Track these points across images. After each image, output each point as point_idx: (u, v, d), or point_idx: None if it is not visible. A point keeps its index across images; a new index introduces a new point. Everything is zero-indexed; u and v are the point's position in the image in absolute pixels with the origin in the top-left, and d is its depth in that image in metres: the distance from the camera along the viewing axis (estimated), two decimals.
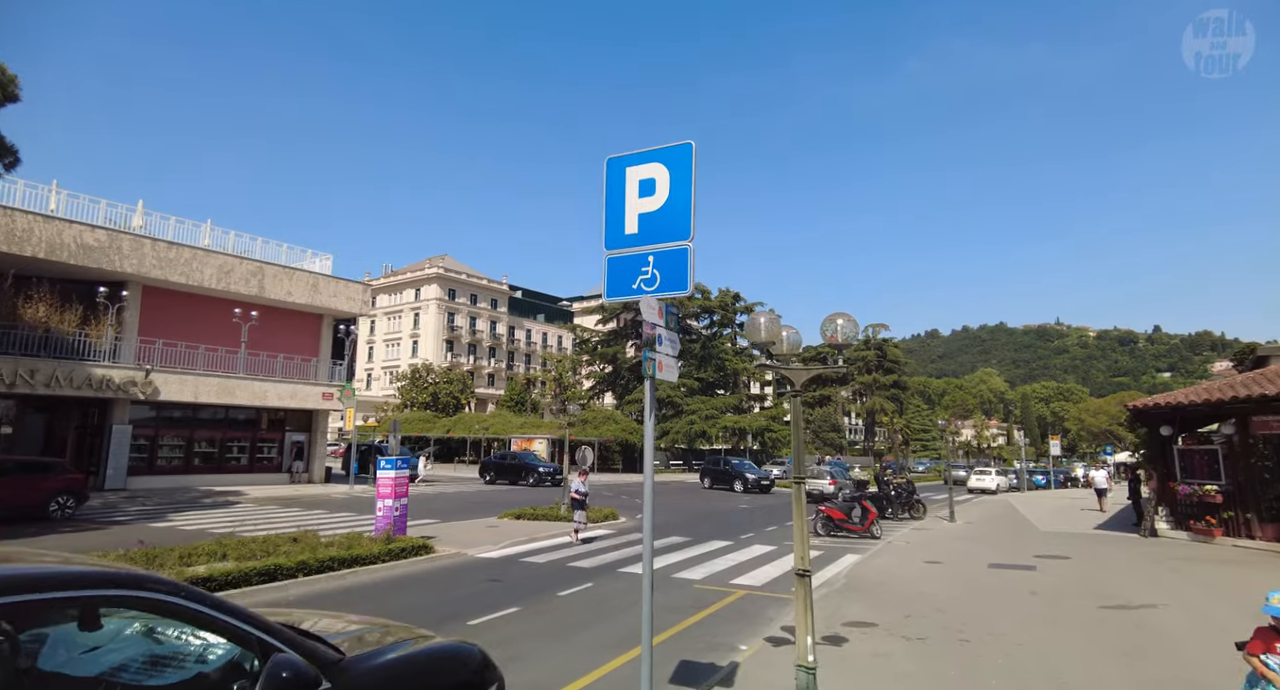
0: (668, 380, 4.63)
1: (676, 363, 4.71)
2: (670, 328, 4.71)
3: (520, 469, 38.30)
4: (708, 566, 12.86)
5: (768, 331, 5.74)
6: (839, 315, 5.73)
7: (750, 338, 5.69)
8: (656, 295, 4.39)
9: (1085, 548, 15.85)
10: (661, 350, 4.53)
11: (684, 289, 4.24)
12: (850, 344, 5.77)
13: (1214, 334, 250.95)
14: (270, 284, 28.01)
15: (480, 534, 16.06)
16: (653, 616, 4.91)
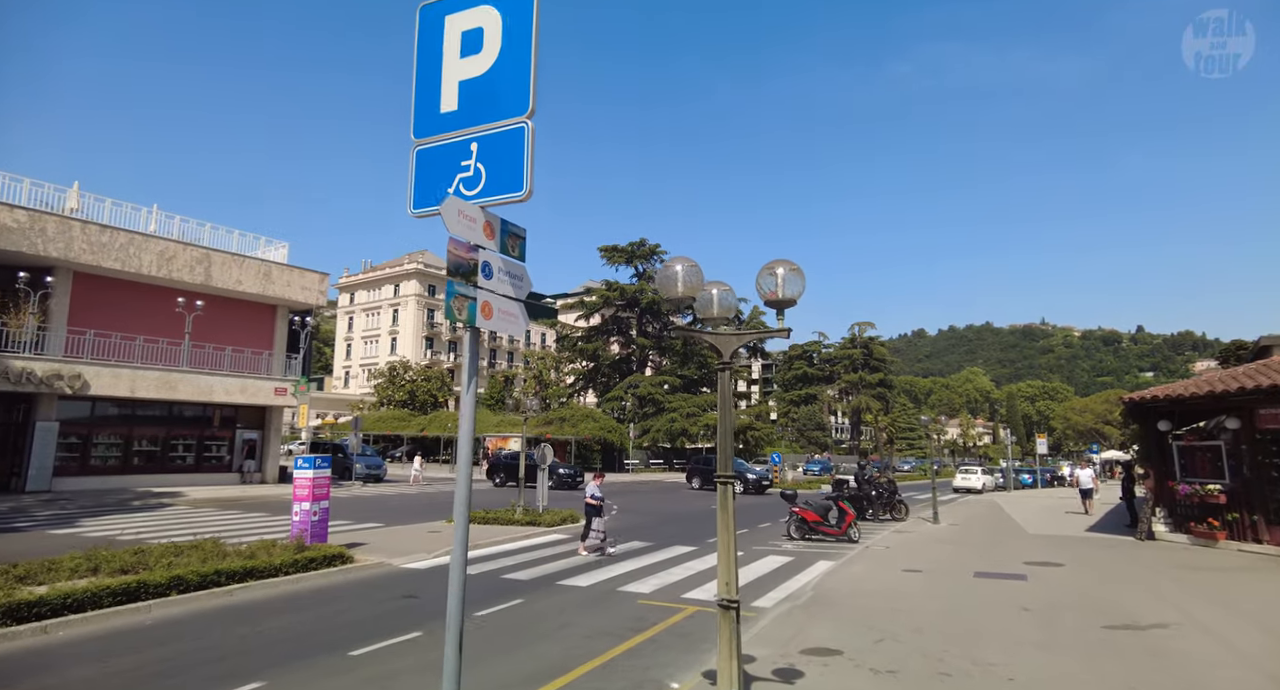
0: (506, 332, 3.22)
1: (521, 309, 3.30)
2: (511, 254, 3.29)
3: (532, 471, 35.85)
4: (661, 577, 11.47)
5: (686, 285, 4.36)
6: (779, 263, 4.36)
7: (664, 293, 4.29)
8: (481, 200, 2.99)
9: (1079, 553, 14.60)
10: (488, 287, 3.10)
11: (519, 190, 2.86)
12: (794, 300, 4.38)
13: (1195, 334, 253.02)
14: (218, 272, 26.34)
15: (419, 540, 14.59)
16: None
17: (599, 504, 14.11)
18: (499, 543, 14.83)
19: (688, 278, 4.33)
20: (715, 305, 4.77)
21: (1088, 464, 25.97)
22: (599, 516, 14.00)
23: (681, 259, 4.26)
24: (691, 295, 4.37)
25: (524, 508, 18.24)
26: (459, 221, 2.82)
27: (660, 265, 53.15)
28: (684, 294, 4.32)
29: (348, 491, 28.54)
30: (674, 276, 4.31)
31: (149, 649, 7.06)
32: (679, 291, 4.31)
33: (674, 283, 4.29)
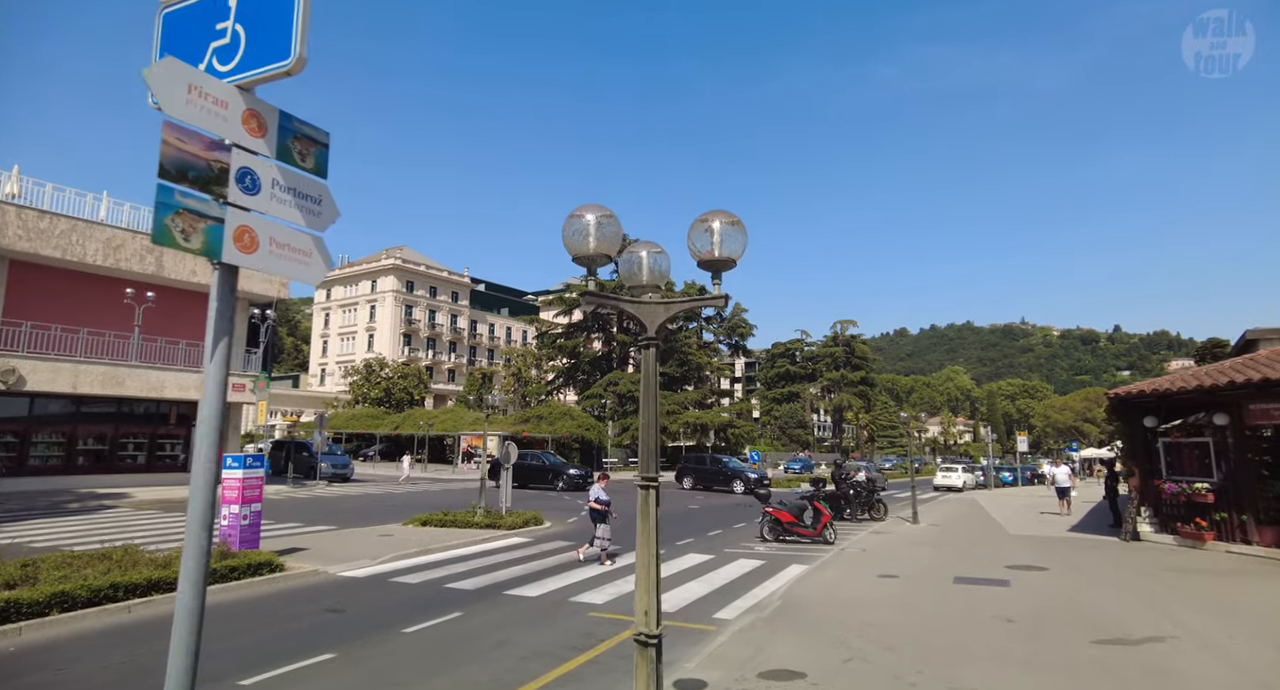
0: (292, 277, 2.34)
1: (318, 247, 2.41)
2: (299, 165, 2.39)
3: (546, 472, 33.70)
4: (619, 585, 10.61)
5: (600, 240, 3.49)
6: (714, 215, 3.51)
7: (574, 250, 3.43)
8: (239, 77, 2.12)
9: (1062, 555, 13.94)
10: (250, 205, 2.21)
11: (285, 58, 2.00)
12: (733, 260, 3.54)
13: (1171, 334, 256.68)
14: (171, 262, 25.07)
15: (366, 545, 13.62)
16: None
17: (605, 509, 12.91)
18: (452, 547, 13.90)
19: (602, 231, 3.47)
20: (644, 270, 3.92)
21: (1064, 461, 24.52)
22: (604, 522, 12.83)
23: (593, 207, 3.41)
24: (607, 253, 3.51)
25: (485, 509, 17.31)
26: (188, 101, 1.94)
27: None
28: (596, 251, 3.47)
29: (309, 492, 27.42)
30: (584, 229, 3.44)
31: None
32: (590, 247, 3.45)
33: (583, 236, 3.43)
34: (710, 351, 69.86)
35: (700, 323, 71.03)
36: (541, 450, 39.10)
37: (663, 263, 4.00)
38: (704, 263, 3.55)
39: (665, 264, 4.01)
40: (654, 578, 3.38)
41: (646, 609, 3.33)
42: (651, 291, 3.81)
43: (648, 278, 3.93)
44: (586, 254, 3.42)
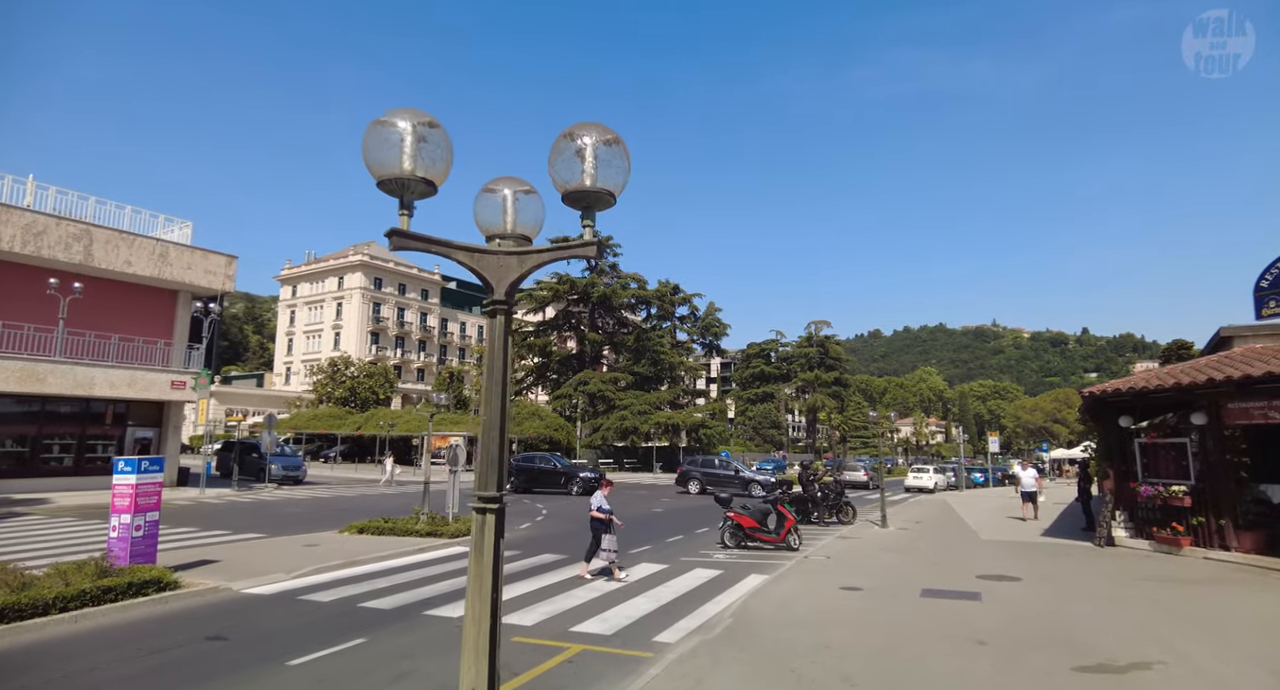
0: None
1: None
2: None
3: (558, 476, 31.56)
4: (556, 602, 9.59)
5: (417, 161, 2.45)
6: (584, 128, 2.54)
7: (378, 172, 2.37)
8: None
9: (1036, 563, 13.21)
10: None
11: None
12: (610, 194, 2.56)
13: (1136, 336, 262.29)
14: (102, 251, 23.49)
15: (287, 556, 12.42)
16: None
17: (608, 518, 11.59)
18: (384, 558, 12.76)
19: (423, 146, 2.45)
20: (508, 214, 2.91)
21: (1032, 463, 22.84)
22: (609, 533, 11.53)
23: (410, 111, 2.40)
24: (428, 179, 2.49)
25: (429, 515, 16.16)
26: None
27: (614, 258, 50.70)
28: (412, 172, 2.45)
29: (255, 495, 25.97)
30: (392, 140, 2.42)
31: None
32: (403, 167, 2.43)
33: (391, 151, 2.40)
34: (683, 351, 69.03)
35: (674, 322, 70.16)
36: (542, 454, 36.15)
37: (533, 208, 2.99)
38: (571, 196, 2.57)
39: (537, 211, 3.01)
40: (486, 640, 2.39)
41: (474, 686, 2.32)
42: (506, 242, 2.80)
43: (513, 225, 2.93)
44: (395, 176, 2.41)
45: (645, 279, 64.44)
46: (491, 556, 2.43)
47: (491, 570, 2.43)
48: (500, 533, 2.53)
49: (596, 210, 2.59)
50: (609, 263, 62.80)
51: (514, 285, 2.63)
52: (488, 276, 2.61)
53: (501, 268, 2.61)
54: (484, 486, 2.51)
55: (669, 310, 68.02)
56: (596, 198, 2.54)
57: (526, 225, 2.97)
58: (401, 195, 2.48)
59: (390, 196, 2.46)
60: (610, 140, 2.55)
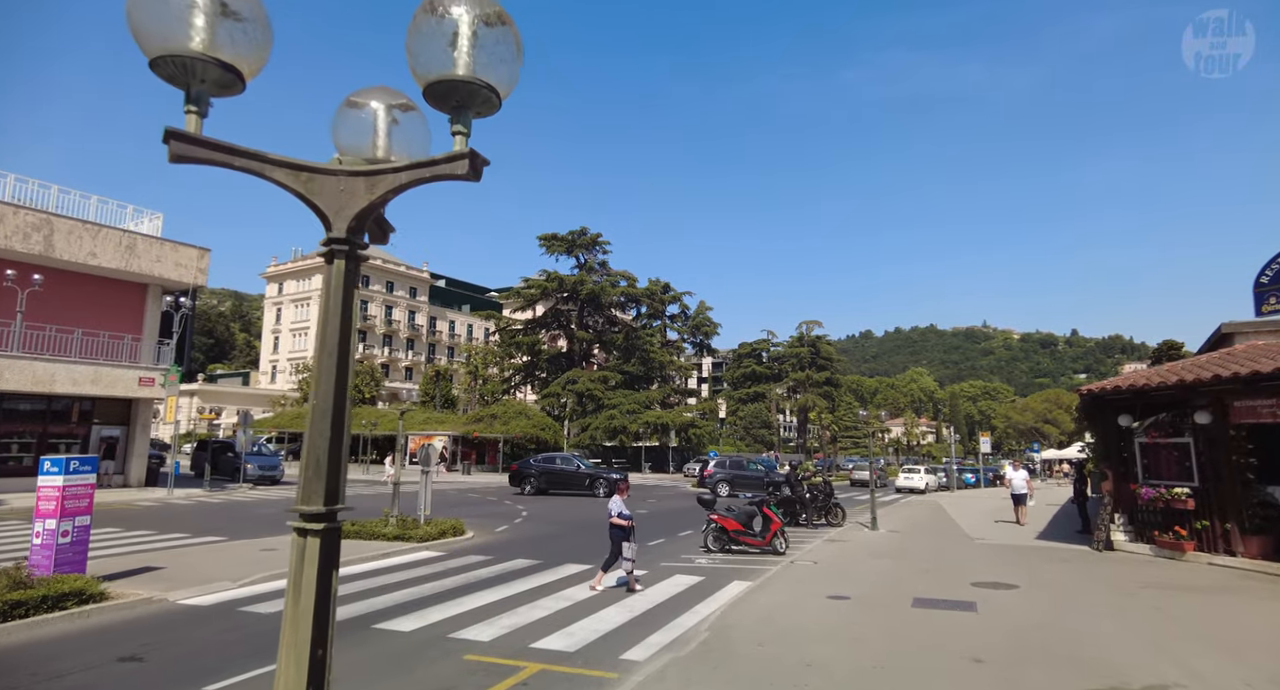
0: None
1: None
2: None
3: (582, 478, 29.86)
4: (519, 614, 8.85)
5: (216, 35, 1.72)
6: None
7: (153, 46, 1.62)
8: None
9: (1032, 568, 12.57)
10: None
11: None
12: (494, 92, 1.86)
13: (1125, 338, 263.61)
14: (64, 242, 22.55)
15: (239, 562, 11.63)
16: None
17: (628, 525, 10.58)
18: (346, 564, 11.96)
19: (221, 19, 1.73)
20: (379, 137, 2.20)
21: (1021, 464, 21.50)
22: (628, 541, 10.53)
23: None
24: (222, 59, 1.77)
25: (398, 517, 15.40)
26: None
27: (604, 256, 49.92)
28: (205, 51, 1.73)
29: (227, 496, 25.09)
30: (176, 7, 1.69)
31: None
32: (189, 42, 1.71)
33: (170, 19, 1.68)
34: (673, 350, 68.34)
35: (664, 321, 69.45)
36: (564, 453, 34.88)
37: (415, 131, 2.27)
38: (436, 90, 1.86)
39: (422, 136, 2.29)
40: None
41: None
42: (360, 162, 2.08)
43: (384, 150, 2.21)
44: (179, 53, 1.68)
45: (635, 277, 63.72)
46: (313, 598, 1.72)
47: (313, 618, 1.71)
48: (333, 564, 1.81)
49: (472, 113, 1.88)
50: (598, 260, 62.05)
51: (362, 218, 1.92)
52: (323, 205, 1.89)
53: (343, 193, 1.89)
54: (308, 498, 1.79)
55: (659, 309, 67.33)
56: (471, 94, 1.83)
57: (405, 156, 2.24)
58: (188, 84, 1.76)
59: (174, 87, 1.74)
60: (494, 17, 1.84)
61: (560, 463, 31.34)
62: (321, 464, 1.80)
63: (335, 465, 1.83)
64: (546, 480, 30.14)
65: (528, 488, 29.84)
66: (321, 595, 1.72)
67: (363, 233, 1.98)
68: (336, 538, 1.82)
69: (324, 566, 1.75)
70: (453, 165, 1.82)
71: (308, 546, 1.75)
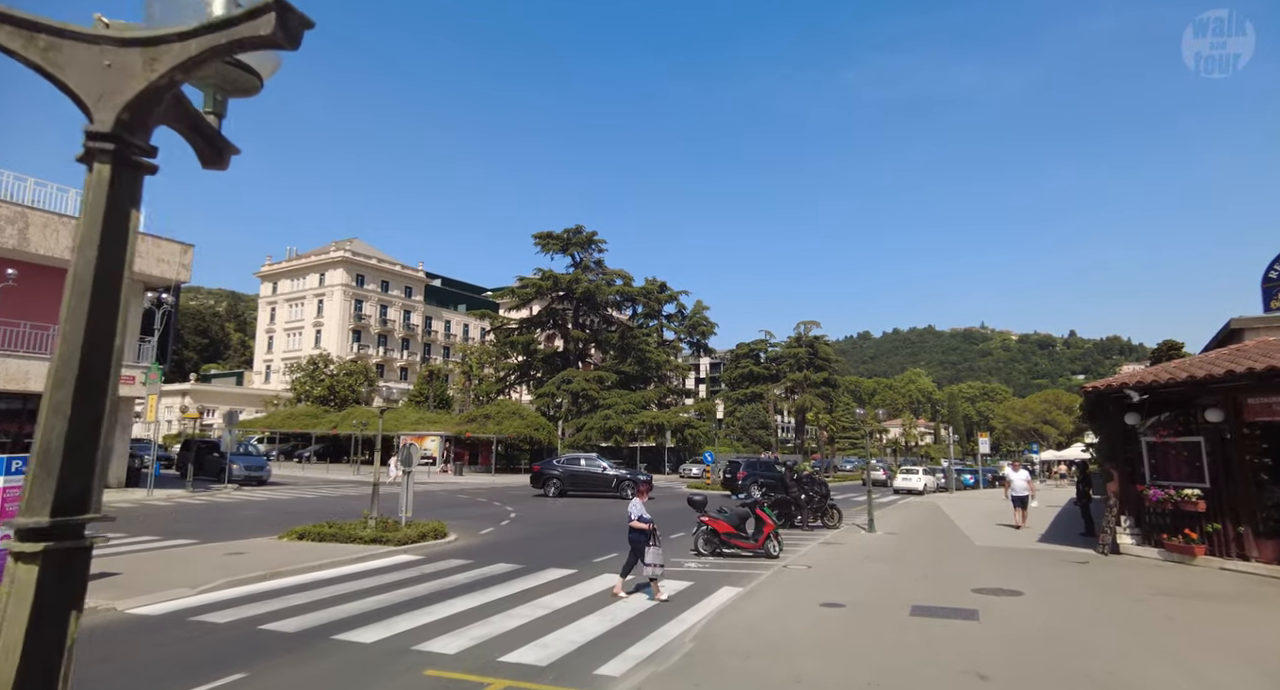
0: None
1: None
2: None
3: (608, 480, 28.86)
4: (492, 624, 8.28)
5: None
6: None
7: None
8: None
9: (1036, 574, 12.03)
10: None
11: None
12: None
13: (1123, 339, 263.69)
14: (39, 235, 21.96)
15: (203, 566, 11.05)
16: None
17: (649, 528, 9.91)
18: (314, 569, 11.41)
19: None
20: None
21: (1021, 465, 20.34)
22: (652, 545, 9.85)
23: None
24: None
25: (378, 519, 14.82)
26: None
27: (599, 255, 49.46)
28: None
29: (209, 497, 24.50)
30: None
31: None
32: None
33: None
34: (669, 349, 67.78)
35: (661, 320, 68.91)
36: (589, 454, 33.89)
37: None
38: None
39: None
40: None
41: None
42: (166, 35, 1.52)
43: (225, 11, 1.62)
44: None
45: (631, 276, 63.15)
46: (18, 659, 1.14)
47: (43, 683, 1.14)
48: (68, 605, 1.26)
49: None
50: (594, 259, 61.52)
51: (140, 106, 1.37)
52: (77, 85, 1.32)
53: (109, 71, 1.33)
54: (31, 506, 1.22)
55: (655, 308, 66.78)
56: None
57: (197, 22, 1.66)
58: None
59: None
60: None
61: (585, 464, 30.26)
62: (55, 455, 1.24)
63: (80, 459, 1.28)
64: (571, 482, 29.13)
65: (551, 490, 28.82)
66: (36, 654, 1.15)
67: (145, 130, 1.42)
68: (75, 566, 1.26)
69: (49, 610, 1.18)
70: (255, 24, 1.26)
71: (18, 578, 1.18)
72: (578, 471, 29.61)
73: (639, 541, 10.03)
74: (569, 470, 29.64)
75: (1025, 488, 19.15)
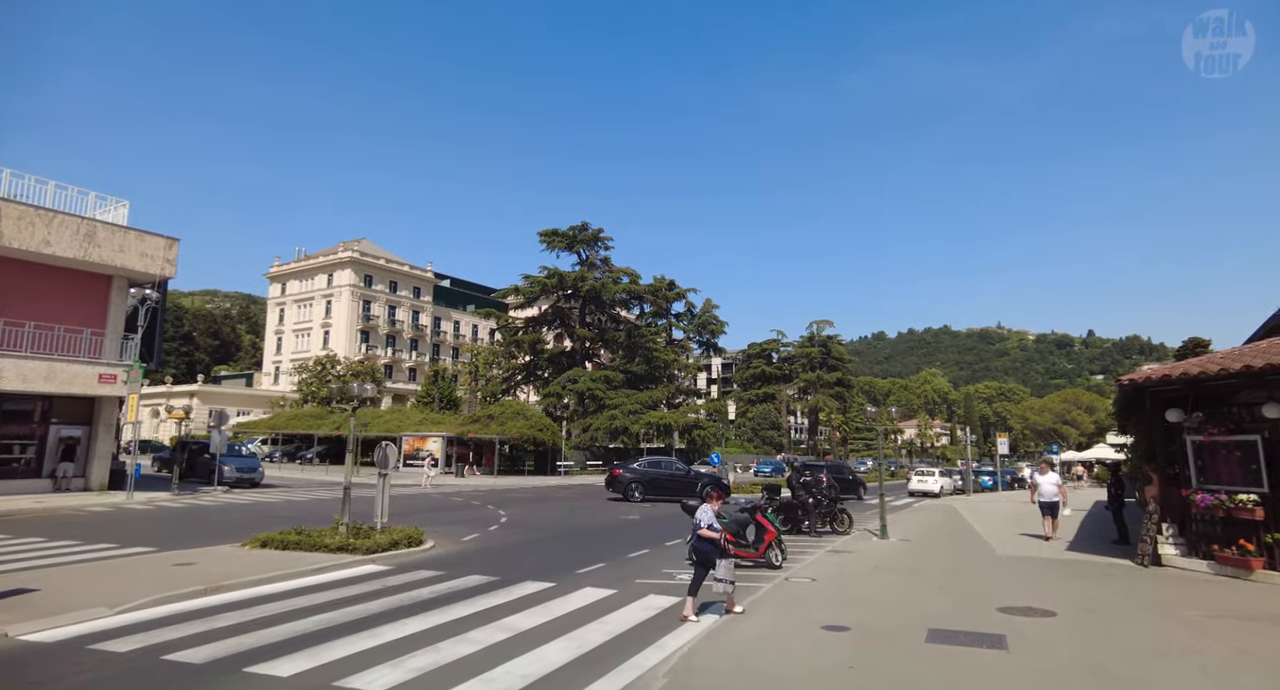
0: None
1: None
2: None
3: (691, 484, 27.28)
4: (441, 650, 7.15)
5: None
6: None
7: None
8: None
9: (1069, 589, 10.72)
10: None
11: None
12: None
13: (1142, 338, 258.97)
14: (13, 229, 21.15)
15: (135, 581, 9.99)
16: None
17: (718, 538, 8.78)
18: (264, 582, 10.33)
19: None
20: None
21: (1050, 467, 17.96)
22: (724, 558, 8.78)
23: None
24: None
25: (349, 525, 13.75)
26: None
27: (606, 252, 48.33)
28: None
29: (194, 499, 23.60)
30: None
31: None
32: None
33: None
34: (678, 349, 66.51)
35: (669, 319, 67.70)
36: (667, 457, 31.66)
37: None
38: None
39: None
40: None
41: None
42: None
43: None
44: None
45: (638, 274, 62.02)
46: None
47: None
48: None
49: None
50: (600, 256, 60.42)
51: None
52: None
53: None
54: None
55: (664, 307, 65.59)
56: None
57: None
58: None
59: None
60: None
61: (663, 467, 28.75)
62: None
63: None
64: (653, 486, 27.61)
65: (635, 494, 27.20)
66: None
67: None
68: None
69: None
70: None
71: None
72: (659, 474, 28.28)
73: (708, 554, 8.77)
74: (651, 474, 28.26)
75: (1055, 493, 16.87)
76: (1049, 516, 16.87)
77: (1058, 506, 16.94)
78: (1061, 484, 17.15)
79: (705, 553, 8.82)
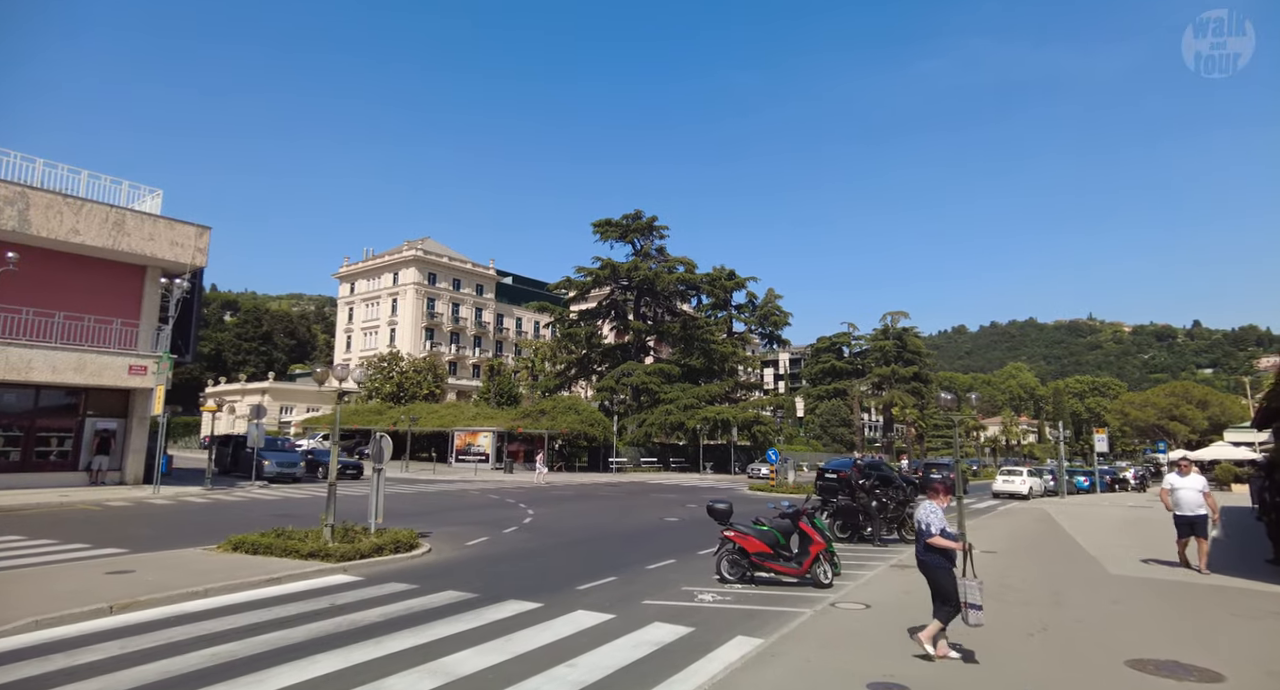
0: None
1: None
2: None
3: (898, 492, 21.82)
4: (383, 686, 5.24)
5: None
6: None
7: None
8: None
9: (1228, 633, 7.93)
10: None
11: None
12: None
13: (1259, 329, 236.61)
14: (41, 217, 20.85)
15: (40, 592, 8.57)
16: None
17: (960, 548, 6.80)
18: (208, 594, 8.76)
19: None
20: None
21: (1190, 466, 12.28)
22: (971, 579, 6.61)
23: None
24: None
25: (334, 526, 12.19)
26: None
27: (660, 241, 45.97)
28: None
29: (223, 495, 22.93)
30: None
31: None
32: None
33: None
34: (738, 341, 63.61)
35: (730, 311, 64.86)
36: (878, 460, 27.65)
37: None
38: None
39: None
40: None
41: None
42: None
43: None
44: None
45: (694, 263, 59.51)
46: None
47: None
48: None
49: None
50: (655, 245, 58.31)
51: None
52: None
53: None
54: None
55: (723, 297, 62.78)
56: None
57: None
58: None
59: None
60: None
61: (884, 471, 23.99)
62: None
63: None
64: None
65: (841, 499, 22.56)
66: None
67: None
68: None
69: None
70: None
71: None
72: None
73: (940, 571, 6.54)
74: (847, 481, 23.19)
75: (1201, 503, 11.86)
76: (1190, 536, 11.99)
77: (1206, 523, 11.98)
78: (1209, 493, 12.16)
79: (936, 569, 6.51)
